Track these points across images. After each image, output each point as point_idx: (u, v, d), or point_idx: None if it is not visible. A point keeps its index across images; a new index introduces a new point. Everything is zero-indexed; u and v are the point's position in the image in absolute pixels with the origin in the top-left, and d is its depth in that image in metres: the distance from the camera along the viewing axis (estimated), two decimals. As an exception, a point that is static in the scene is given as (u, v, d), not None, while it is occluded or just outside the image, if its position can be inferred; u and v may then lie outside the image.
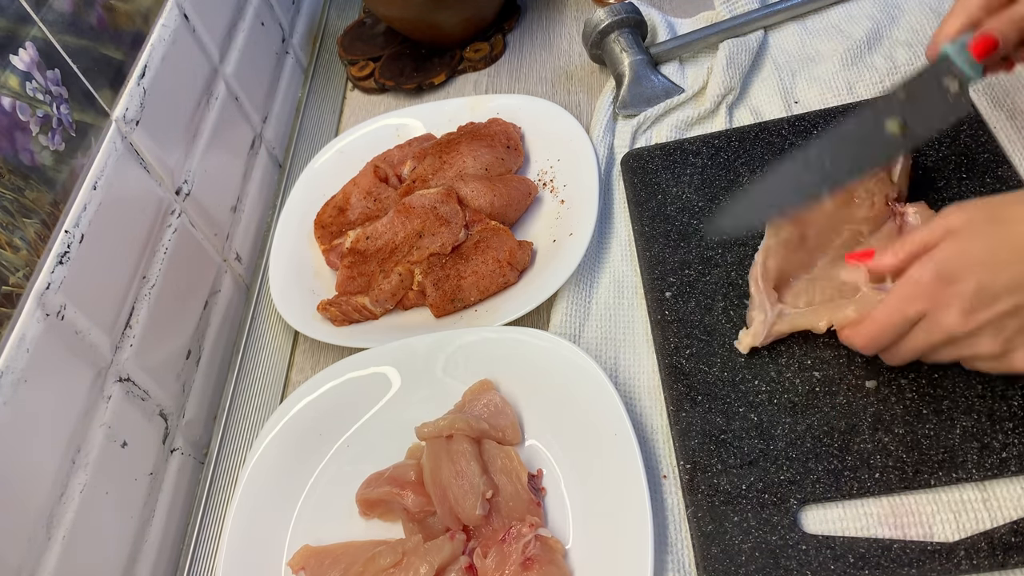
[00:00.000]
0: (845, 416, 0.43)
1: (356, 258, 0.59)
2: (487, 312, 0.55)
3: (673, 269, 0.53)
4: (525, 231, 0.61)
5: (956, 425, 0.41)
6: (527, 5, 0.81)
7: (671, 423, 0.46)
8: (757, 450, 0.43)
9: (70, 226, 0.45)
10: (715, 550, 0.40)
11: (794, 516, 0.41)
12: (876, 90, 0.59)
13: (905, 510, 0.40)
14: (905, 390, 0.43)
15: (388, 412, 0.51)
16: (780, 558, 0.39)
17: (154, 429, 0.50)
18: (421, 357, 0.52)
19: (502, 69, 0.75)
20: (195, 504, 0.52)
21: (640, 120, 0.63)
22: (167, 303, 0.53)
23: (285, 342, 0.60)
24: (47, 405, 0.42)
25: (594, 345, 0.52)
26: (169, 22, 0.58)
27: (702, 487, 0.43)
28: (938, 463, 0.40)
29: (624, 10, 0.67)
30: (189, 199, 0.57)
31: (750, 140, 0.58)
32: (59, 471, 0.42)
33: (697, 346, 0.48)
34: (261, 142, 0.70)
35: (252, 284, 0.65)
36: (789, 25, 0.67)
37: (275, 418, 0.51)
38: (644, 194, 0.58)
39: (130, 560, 0.46)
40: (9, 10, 0.44)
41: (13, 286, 0.41)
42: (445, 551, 0.42)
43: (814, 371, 0.45)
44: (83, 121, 0.48)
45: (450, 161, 0.63)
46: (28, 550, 0.39)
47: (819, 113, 0.58)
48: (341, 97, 0.79)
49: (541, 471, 0.47)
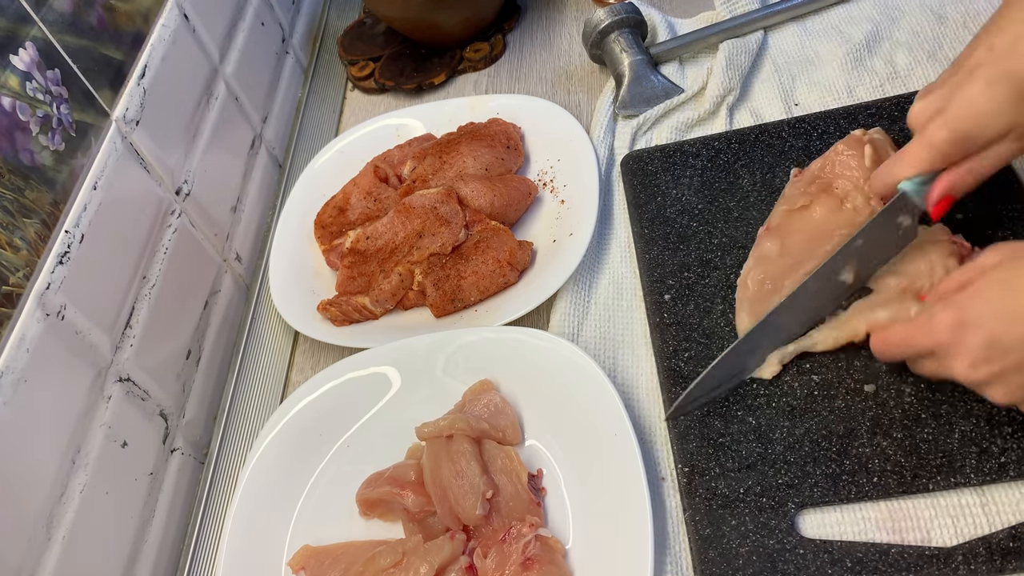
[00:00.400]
0: (843, 420, 0.43)
1: (356, 258, 0.59)
2: (487, 312, 0.55)
3: (672, 272, 0.53)
4: (525, 231, 0.61)
5: (955, 430, 0.41)
6: (527, 5, 0.81)
7: (669, 426, 0.46)
8: (755, 454, 0.43)
9: (70, 226, 0.45)
10: (712, 554, 0.40)
11: (792, 520, 0.41)
12: (876, 94, 0.59)
13: (903, 515, 0.40)
14: (904, 394, 0.43)
15: (388, 412, 0.51)
16: (777, 562, 0.39)
17: (154, 429, 0.50)
18: (421, 357, 0.52)
19: (502, 69, 0.75)
20: (195, 504, 0.52)
21: (640, 121, 0.63)
22: (167, 303, 0.53)
23: (285, 342, 0.60)
24: (47, 405, 0.42)
25: (593, 346, 0.52)
26: (169, 22, 0.58)
27: (700, 490, 0.43)
28: (936, 468, 0.40)
29: (624, 10, 0.67)
30: (189, 199, 0.57)
31: (750, 142, 0.58)
32: (59, 471, 0.42)
33: (696, 349, 0.48)
34: (261, 142, 0.70)
35: (252, 284, 0.65)
36: (789, 26, 0.67)
37: (275, 418, 0.51)
38: (644, 196, 0.58)
39: (130, 560, 0.46)
40: (9, 10, 0.44)
41: (13, 286, 0.41)
42: (445, 551, 0.42)
43: (812, 375, 0.45)
44: (83, 121, 0.48)
45: (450, 161, 0.63)
46: (28, 550, 0.39)
47: (819, 115, 0.58)
48: (341, 97, 0.79)
49: (541, 471, 0.47)
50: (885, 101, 0.57)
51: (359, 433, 0.51)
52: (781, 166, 0.56)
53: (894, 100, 0.57)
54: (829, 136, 0.56)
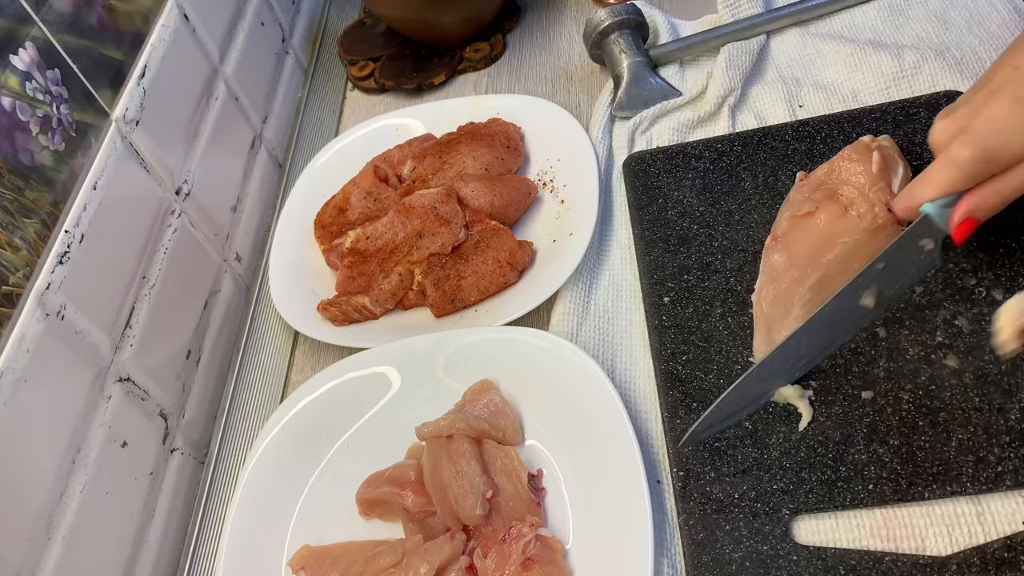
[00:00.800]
0: (840, 426, 0.43)
1: (356, 258, 0.59)
2: (487, 312, 0.55)
3: (672, 274, 0.53)
4: (525, 231, 0.61)
5: (952, 438, 0.41)
6: (527, 5, 0.80)
7: (665, 429, 0.46)
8: (751, 459, 0.43)
9: (70, 226, 0.45)
10: (706, 558, 0.41)
11: (786, 526, 0.41)
12: (881, 97, 0.59)
13: (898, 522, 0.40)
14: (902, 401, 0.43)
15: (388, 412, 0.51)
16: (771, 568, 0.39)
17: (154, 429, 0.51)
18: (421, 357, 0.52)
19: (502, 69, 0.75)
20: (195, 504, 0.52)
21: (636, 121, 0.63)
22: (167, 303, 0.53)
23: (285, 342, 0.61)
24: (47, 405, 0.42)
25: (591, 347, 0.52)
26: (169, 22, 0.58)
27: (694, 494, 0.43)
28: (933, 476, 0.40)
29: (625, 11, 0.66)
30: (189, 199, 0.58)
31: (753, 144, 0.58)
32: (59, 471, 0.42)
33: (694, 352, 0.48)
34: (261, 142, 0.70)
35: (252, 284, 0.65)
36: (792, 31, 0.66)
37: (275, 418, 0.52)
38: (645, 198, 0.58)
39: (130, 560, 0.47)
40: (9, 10, 0.44)
41: (13, 286, 0.41)
42: (445, 551, 0.42)
43: (810, 380, 0.45)
44: (83, 121, 0.48)
45: (450, 161, 0.62)
46: (28, 550, 0.39)
47: (823, 119, 0.58)
48: (341, 97, 0.79)
49: (541, 471, 0.47)
50: (890, 105, 0.57)
51: (359, 433, 0.51)
52: (784, 169, 0.56)
53: (899, 104, 0.57)
54: (833, 140, 0.56)
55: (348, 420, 0.51)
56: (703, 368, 0.48)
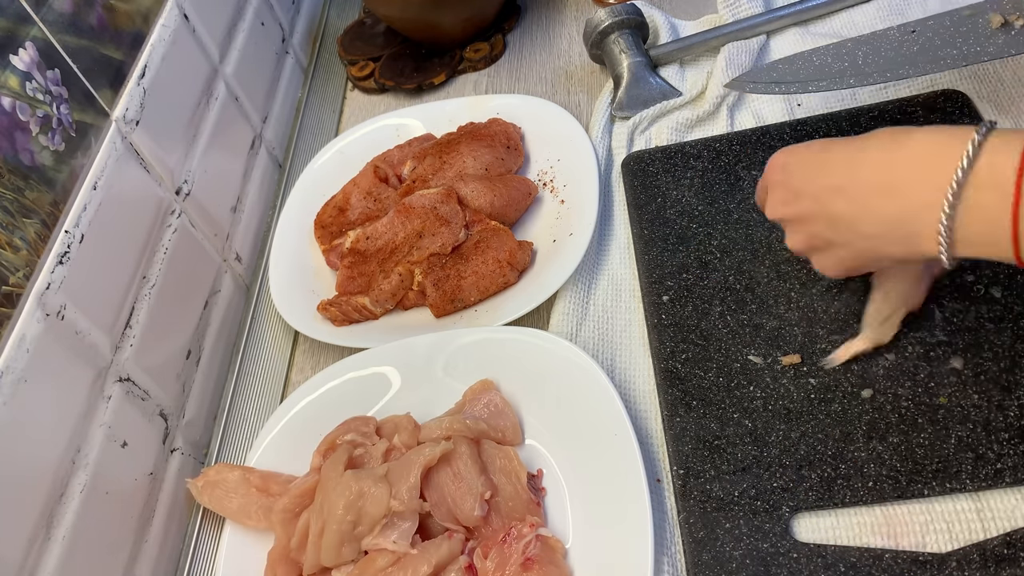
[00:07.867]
0: (840, 424, 0.43)
1: (356, 258, 0.59)
2: (487, 312, 0.55)
3: (671, 273, 0.53)
4: (525, 231, 0.61)
5: (951, 435, 0.41)
6: (527, 5, 0.81)
7: (665, 428, 0.46)
8: (751, 456, 0.43)
9: (70, 226, 0.45)
10: (706, 556, 0.41)
11: (786, 524, 0.41)
12: (879, 96, 0.59)
13: (898, 520, 0.40)
14: (901, 399, 0.43)
15: (388, 412, 0.51)
16: (771, 566, 0.39)
17: (154, 429, 0.51)
18: (421, 357, 0.52)
19: (502, 69, 0.75)
20: (195, 504, 0.52)
21: (636, 121, 0.63)
22: (167, 303, 0.53)
23: (285, 342, 0.61)
24: (47, 405, 0.42)
25: (591, 346, 0.52)
26: (169, 22, 0.58)
27: (694, 493, 0.43)
28: (932, 473, 0.40)
29: (625, 11, 0.67)
30: (189, 199, 0.58)
31: (751, 143, 0.58)
32: (59, 471, 0.42)
33: (693, 351, 0.48)
34: (261, 142, 0.70)
35: (252, 284, 0.65)
36: (792, 31, 0.67)
37: (275, 418, 0.52)
38: (644, 197, 0.58)
39: (130, 560, 0.46)
40: (9, 10, 0.44)
41: (13, 286, 0.41)
42: (443, 550, 0.42)
43: (810, 378, 0.45)
44: (83, 121, 0.48)
45: (450, 161, 0.63)
46: (28, 550, 0.39)
47: (821, 117, 0.58)
48: (341, 97, 0.79)
49: (541, 471, 0.47)
50: (888, 104, 0.57)
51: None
52: (781, 168, 0.56)
53: (896, 103, 0.57)
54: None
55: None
56: (702, 366, 0.48)
